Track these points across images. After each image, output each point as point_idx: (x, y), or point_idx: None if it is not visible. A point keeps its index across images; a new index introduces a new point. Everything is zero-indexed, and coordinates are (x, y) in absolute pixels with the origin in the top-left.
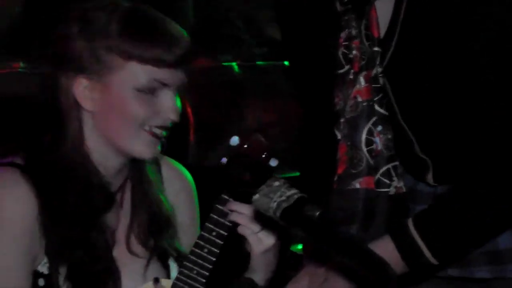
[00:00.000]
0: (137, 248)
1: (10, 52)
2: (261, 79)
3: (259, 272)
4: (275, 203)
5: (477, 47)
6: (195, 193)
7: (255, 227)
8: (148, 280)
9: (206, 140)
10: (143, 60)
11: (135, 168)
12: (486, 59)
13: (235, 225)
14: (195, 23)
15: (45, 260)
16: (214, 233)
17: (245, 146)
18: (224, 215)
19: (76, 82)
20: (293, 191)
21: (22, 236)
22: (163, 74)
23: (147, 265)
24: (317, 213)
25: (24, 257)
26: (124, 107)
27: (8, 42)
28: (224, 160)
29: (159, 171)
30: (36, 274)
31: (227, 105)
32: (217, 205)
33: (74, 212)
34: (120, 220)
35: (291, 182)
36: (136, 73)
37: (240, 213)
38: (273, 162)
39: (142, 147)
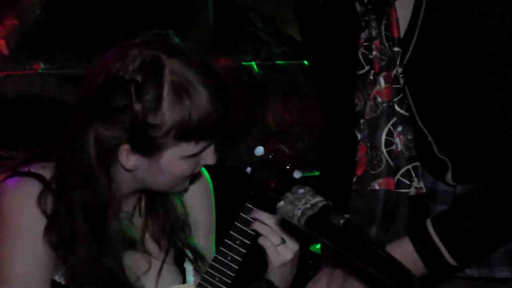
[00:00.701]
0: (152, 248)
1: (30, 54)
2: (281, 79)
3: (274, 283)
4: (300, 211)
5: (495, 48)
6: (212, 193)
7: (276, 240)
8: (163, 282)
9: (226, 139)
10: (199, 141)
11: None
12: (504, 60)
13: (258, 234)
14: (215, 23)
15: (62, 270)
16: (237, 242)
17: (270, 156)
18: (248, 223)
19: (125, 149)
20: (318, 198)
21: (42, 246)
22: (211, 141)
23: (161, 266)
24: (342, 221)
25: (44, 266)
26: (171, 172)
27: (29, 44)
28: (249, 169)
29: None
30: (54, 284)
31: (247, 105)
32: (241, 214)
33: (88, 233)
34: (137, 221)
35: (314, 184)
36: (190, 148)
37: (263, 224)
38: (297, 174)
39: (181, 187)
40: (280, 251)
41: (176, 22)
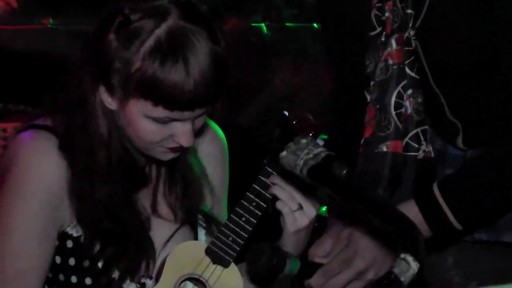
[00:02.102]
0: (165, 212)
1: (40, 8)
2: (290, 41)
3: (288, 249)
4: (302, 161)
5: (509, 6)
6: (227, 154)
7: (293, 205)
8: (174, 239)
9: (234, 101)
10: (156, 104)
11: None
12: None
13: (275, 199)
14: None
15: (74, 222)
16: (254, 204)
17: (294, 122)
18: (266, 187)
19: (100, 86)
20: (321, 149)
21: (49, 200)
22: (176, 114)
23: (175, 231)
24: (344, 171)
25: (48, 221)
26: (136, 127)
27: None
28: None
29: None
30: (65, 236)
31: (255, 66)
32: (260, 177)
33: (103, 184)
34: (148, 184)
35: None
36: (149, 108)
37: (282, 188)
38: (320, 142)
39: (159, 155)
40: (297, 217)
41: None
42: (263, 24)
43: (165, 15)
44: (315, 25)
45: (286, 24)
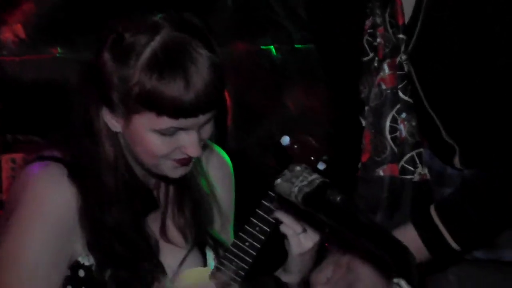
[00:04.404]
0: (175, 237)
1: (48, 38)
2: (300, 63)
3: (293, 272)
4: (297, 188)
5: (500, 29)
6: (233, 180)
7: (298, 228)
8: (184, 264)
9: (245, 123)
10: (160, 114)
11: None
12: (509, 42)
13: (279, 223)
14: (234, 6)
15: (86, 251)
16: (257, 228)
17: (295, 147)
18: (270, 212)
19: (103, 108)
20: (315, 176)
21: (59, 230)
22: (181, 123)
23: (185, 257)
24: (338, 198)
25: (58, 251)
26: (143, 143)
27: (47, 28)
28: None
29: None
30: (77, 265)
31: (265, 89)
32: (263, 201)
33: (112, 209)
34: (157, 208)
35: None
36: (154, 120)
37: (286, 212)
38: (321, 166)
39: (169, 171)
40: (302, 239)
41: (194, 6)
42: (272, 47)
43: (158, 29)
44: None
45: (296, 45)
